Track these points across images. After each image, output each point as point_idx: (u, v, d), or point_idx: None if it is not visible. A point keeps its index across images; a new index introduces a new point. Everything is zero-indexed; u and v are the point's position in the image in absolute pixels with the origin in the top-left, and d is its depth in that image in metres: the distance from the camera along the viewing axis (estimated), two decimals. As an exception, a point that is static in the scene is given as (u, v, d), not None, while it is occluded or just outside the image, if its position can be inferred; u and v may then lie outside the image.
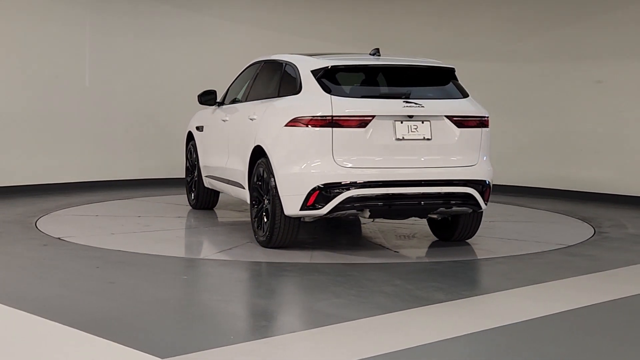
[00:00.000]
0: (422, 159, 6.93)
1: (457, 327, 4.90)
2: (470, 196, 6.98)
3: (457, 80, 7.43)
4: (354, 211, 6.83)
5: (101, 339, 4.48)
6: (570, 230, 8.78)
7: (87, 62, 11.76)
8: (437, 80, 7.39)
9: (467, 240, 7.83)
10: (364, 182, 6.69)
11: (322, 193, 6.67)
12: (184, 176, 9.94)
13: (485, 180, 7.10)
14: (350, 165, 6.72)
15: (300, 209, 6.76)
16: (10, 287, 5.83)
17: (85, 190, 11.33)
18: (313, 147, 6.76)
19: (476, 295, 5.68)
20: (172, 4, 12.52)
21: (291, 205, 6.80)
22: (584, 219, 9.46)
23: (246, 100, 8.23)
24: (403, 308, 5.32)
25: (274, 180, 6.94)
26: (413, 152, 6.90)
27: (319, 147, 6.72)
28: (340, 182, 6.66)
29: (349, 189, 6.65)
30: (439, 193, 6.88)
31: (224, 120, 8.47)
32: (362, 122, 6.74)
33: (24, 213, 9.16)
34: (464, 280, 6.35)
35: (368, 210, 6.86)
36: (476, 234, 8.16)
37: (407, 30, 13.14)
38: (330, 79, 7.04)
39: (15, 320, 4.94)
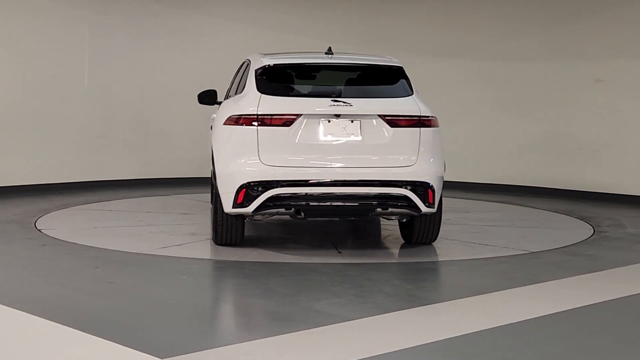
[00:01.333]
0: (350, 159, 6.78)
1: (456, 326, 4.89)
2: (405, 198, 6.74)
3: (407, 79, 7.29)
4: (282, 210, 6.77)
5: (100, 339, 4.48)
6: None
7: (86, 62, 11.76)
8: (383, 78, 7.31)
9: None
10: (288, 181, 6.66)
11: (248, 191, 6.68)
12: (184, 175, 9.94)
13: (425, 182, 6.82)
14: (275, 164, 6.70)
15: (232, 207, 6.79)
16: (10, 287, 5.83)
17: (84, 190, 11.33)
18: (241, 145, 6.80)
19: (476, 295, 5.68)
20: (171, 4, 12.52)
21: (227, 203, 6.83)
22: (583, 219, 9.46)
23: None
24: (402, 308, 5.31)
25: (215, 179, 7.07)
26: (340, 151, 6.79)
27: (247, 146, 6.75)
28: (264, 181, 6.66)
29: (273, 188, 6.64)
30: (369, 194, 6.69)
31: (212, 119, 8.55)
32: (287, 120, 6.74)
33: (22, 213, 9.16)
34: (463, 280, 6.34)
35: (298, 209, 6.79)
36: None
37: (408, 29, 13.13)
38: (270, 77, 7.10)
39: (14, 321, 4.93)
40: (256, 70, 7.18)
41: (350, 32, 13.29)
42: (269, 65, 7.17)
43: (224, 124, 6.98)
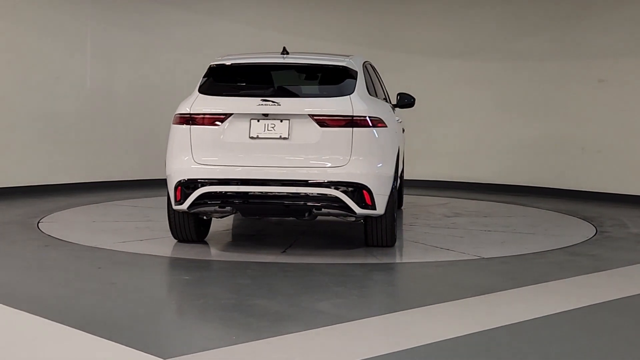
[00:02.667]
0: (278, 158, 6.76)
1: (459, 326, 4.89)
2: (335, 199, 6.66)
3: (354, 78, 7.15)
4: (216, 208, 6.86)
5: (103, 339, 4.48)
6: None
7: (88, 63, 11.76)
8: (326, 78, 7.28)
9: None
10: (217, 180, 6.75)
11: (183, 189, 6.84)
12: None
13: (358, 183, 6.70)
14: (206, 162, 6.82)
15: (174, 204, 6.97)
16: (12, 288, 5.83)
17: (87, 191, 11.34)
18: (178, 144, 6.97)
19: (478, 295, 5.67)
20: (173, 5, 12.52)
21: (172, 201, 7.02)
22: (586, 219, 9.45)
23: None
24: (405, 308, 5.31)
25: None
26: (268, 151, 6.78)
27: (182, 145, 6.92)
28: (195, 179, 6.79)
29: (204, 186, 6.76)
30: (298, 194, 6.68)
31: None
32: (217, 119, 6.86)
33: (25, 214, 9.16)
34: (466, 280, 6.33)
35: (232, 208, 6.86)
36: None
37: (409, 29, 13.14)
38: (216, 78, 7.21)
39: (16, 321, 4.93)
40: (206, 71, 7.34)
41: (352, 33, 13.29)
42: (213, 65, 7.30)
43: (172, 123, 7.17)
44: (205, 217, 7.43)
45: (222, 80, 7.23)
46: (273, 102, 6.81)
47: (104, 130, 11.95)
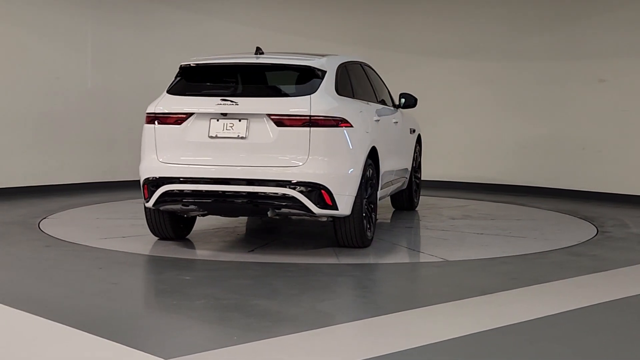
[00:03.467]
0: (236, 158, 6.80)
1: (460, 327, 4.89)
2: (292, 198, 6.66)
3: (320, 78, 7.09)
4: (179, 205, 6.99)
5: (105, 339, 4.48)
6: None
7: (88, 63, 11.77)
8: (290, 78, 7.28)
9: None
10: (178, 178, 6.87)
11: (149, 187, 7.02)
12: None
13: (316, 183, 6.67)
14: (168, 161, 6.96)
15: (145, 202, 7.15)
16: (13, 288, 5.83)
17: (88, 191, 11.34)
18: (146, 143, 7.17)
19: (480, 295, 5.67)
20: (174, 6, 12.52)
21: (143, 198, 7.22)
22: (586, 219, 9.45)
23: None
24: (406, 308, 5.30)
25: None
26: (227, 150, 6.83)
27: (149, 143, 7.11)
28: (158, 177, 6.95)
29: (166, 184, 6.90)
30: (256, 193, 6.70)
31: None
32: (179, 119, 6.96)
33: (26, 214, 9.16)
34: (467, 280, 6.33)
35: (196, 205, 6.95)
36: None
37: (410, 29, 13.13)
38: (187, 78, 7.31)
39: (18, 322, 4.93)
40: (177, 72, 7.43)
41: (353, 33, 13.29)
42: (182, 66, 7.38)
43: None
44: (185, 216, 7.47)
45: (189, 80, 7.31)
46: (232, 101, 6.84)
47: (105, 130, 11.94)
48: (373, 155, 7.44)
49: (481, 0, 12.58)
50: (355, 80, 7.97)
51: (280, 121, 6.74)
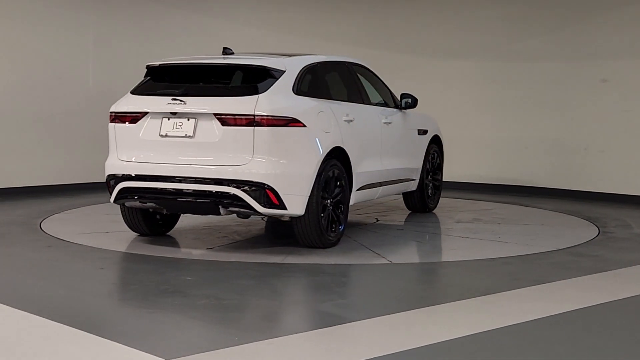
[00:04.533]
0: (184, 156, 6.93)
1: (462, 327, 4.88)
2: (237, 197, 6.73)
3: (274, 78, 7.09)
4: (138, 202, 7.19)
5: (106, 340, 4.48)
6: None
7: (90, 63, 11.77)
8: (243, 78, 7.30)
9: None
10: (133, 175, 7.11)
11: (111, 183, 7.30)
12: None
13: (259, 182, 6.71)
14: (126, 158, 7.19)
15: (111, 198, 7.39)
16: (15, 289, 5.83)
17: (89, 191, 11.33)
18: (110, 141, 7.40)
19: (481, 296, 5.66)
20: (175, 5, 12.53)
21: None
22: (589, 219, 9.44)
23: None
24: (408, 308, 5.30)
25: None
26: (176, 148, 6.97)
27: (111, 141, 7.37)
28: (116, 175, 7.22)
29: (121, 181, 7.16)
30: (203, 191, 6.82)
31: None
32: (134, 118, 7.19)
33: (27, 214, 9.17)
34: (469, 281, 6.33)
35: (152, 203, 7.13)
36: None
37: (414, 30, 13.12)
38: (153, 78, 7.48)
39: (20, 322, 4.93)
40: (145, 73, 7.59)
41: (355, 33, 13.29)
42: (149, 66, 7.56)
43: None
44: (165, 212, 7.55)
45: (155, 80, 7.46)
46: (180, 100, 6.95)
47: (106, 130, 11.91)
48: (341, 156, 7.43)
49: (485, 0, 12.57)
50: (333, 81, 8.00)
51: (225, 120, 6.81)
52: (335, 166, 7.31)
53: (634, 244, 7.98)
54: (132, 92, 7.43)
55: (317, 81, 7.67)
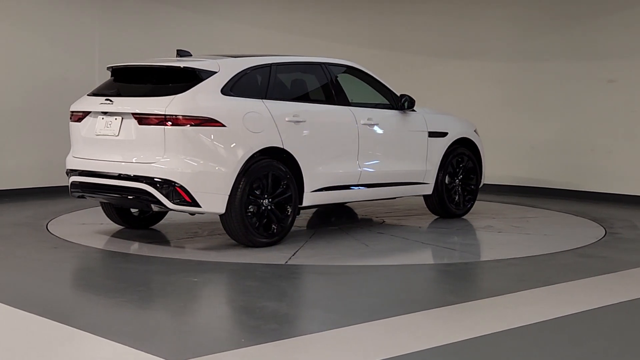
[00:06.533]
0: (110, 154, 7.33)
1: (468, 329, 4.87)
2: (147, 193, 7.03)
3: (200, 79, 7.21)
4: (92, 196, 7.63)
5: (112, 341, 4.48)
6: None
7: (96, 63, 11.78)
8: (172, 79, 7.38)
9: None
10: (75, 171, 7.63)
11: (68, 178, 7.77)
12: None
13: (168, 180, 6.94)
14: (75, 155, 7.71)
15: None
16: (21, 290, 5.84)
17: (96, 192, 11.33)
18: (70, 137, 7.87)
19: (488, 297, 5.65)
20: (181, 6, 12.53)
21: None
22: (596, 220, 9.41)
23: None
24: (415, 310, 5.29)
25: None
26: (105, 146, 7.38)
27: (70, 138, 7.84)
28: (67, 169, 7.78)
29: (72, 176, 7.69)
30: (124, 187, 7.19)
31: None
32: (80, 117, 7.66)
33: (34, 216, 9.18)
34: (475, 282, 6.32)
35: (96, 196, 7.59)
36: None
37: (415, 29, 13.11)
38: (115, 79, 7.83)
39: (25, 323, 4.93)
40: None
41: (358, 33, 13.28)
42: (108, 68, 7.92)
43: None
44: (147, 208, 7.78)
45: (115, 81, 7.81)
46: (110, 100, 7.39)
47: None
48: (287, 157, 7.46)
49: (490, 0, 12.55)
50: (295, 82, 8.11)
51: (141, 120, 7.13)
52: (273, 166, 7.33)
53: (641, 245, 7.96)
54: (89, 94, 7.84)
55: (264, 82, 7.65)
